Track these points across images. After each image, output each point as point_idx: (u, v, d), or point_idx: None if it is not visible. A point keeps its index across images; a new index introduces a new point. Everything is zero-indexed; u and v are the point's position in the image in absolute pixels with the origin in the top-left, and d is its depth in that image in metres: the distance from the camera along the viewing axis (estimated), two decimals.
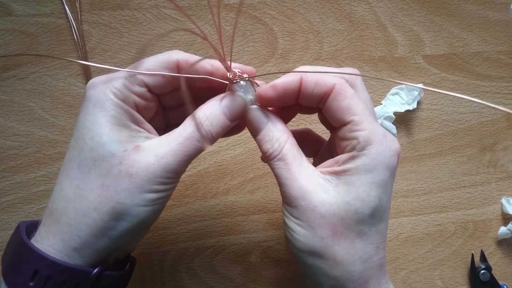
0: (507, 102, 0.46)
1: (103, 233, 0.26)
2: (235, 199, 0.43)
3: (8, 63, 0.40)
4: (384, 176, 0.27)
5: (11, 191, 0.40)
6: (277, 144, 0.28)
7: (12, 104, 0.40)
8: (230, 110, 0.28)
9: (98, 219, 0.25)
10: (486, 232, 0.45)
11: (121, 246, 0.27)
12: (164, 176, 0.26)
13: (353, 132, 0.27)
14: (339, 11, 0.44)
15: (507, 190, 0.46)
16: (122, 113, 0.27)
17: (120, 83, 0.27)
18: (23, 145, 0.41)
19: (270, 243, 0.43)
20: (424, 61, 0.45)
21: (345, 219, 0.26)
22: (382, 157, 0.26)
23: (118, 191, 0.25)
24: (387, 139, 0.27)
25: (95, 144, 0.26)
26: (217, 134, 0.28)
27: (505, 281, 0.45)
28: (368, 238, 0.27)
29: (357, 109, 0.27)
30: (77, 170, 0.26)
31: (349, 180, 0.27)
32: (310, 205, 0.26)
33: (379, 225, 0.27)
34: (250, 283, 0.42)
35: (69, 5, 0.41)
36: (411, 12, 0.45)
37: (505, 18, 0.46)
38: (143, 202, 0.26)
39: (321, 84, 0.28)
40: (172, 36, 0.42)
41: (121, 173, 0.25)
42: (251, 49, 0.43)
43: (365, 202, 0.26)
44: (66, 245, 0.26)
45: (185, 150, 0.26)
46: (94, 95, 0.26)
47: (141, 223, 0.26)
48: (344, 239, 0.26)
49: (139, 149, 0.26)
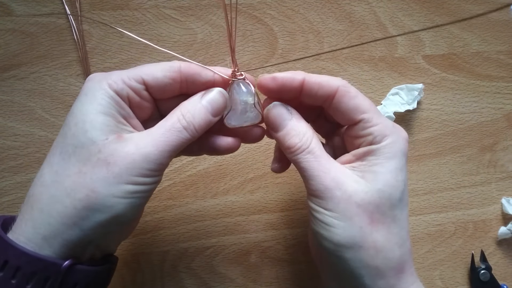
0: (507, 102, 0.46)
1: (74, 222, 0.25)
2: (235, 199, 0.43)
3: (8, 63, 0.40)
4: (402, 161, 0.28)
5: (11, 191, 0.40)
6: (305, 138, 0.29)
7: (12, 104, 0.40)
8: (211, 103, 0.28)
9: (70, 206, 0.24)
10: (486, 232, 0.45)
11: (95, 240, 0.26)
12: (144, 168, 0.25)
13: (367, 129, 0.28)
14: (339, 11, 0.44)
15: (507, 190, 0.46)
16: (112, 104, 0.27)
17: (118, 76, 0.27)
18: (23, 145, 0.41)
19: (270, 243, 0.43)
20: (424, 61, 0.45)
21: (380, 206, 0.27)
22: (398, 145, 0.28)
23: (94, 179, 0.25)
24: (396, 128, 0.29)
25: (77, 131, 0.25)
26: (199, 126, 0.28)
27: (505, 281, 0.45)
28: (401, 222, 0.28)
29: (364, 107, 0.28)
30: (59, 156, 0.26)
31: (374, 170, 0.28)
32: (345, 195, 0.27)
33: (405, 209, 0.29)
34: (250, 283, 0.42)
35: (69, 5, 0.41)
36: (411, 12, 0.45)
37: (505, 18, 0.46)
38: (120, 193, 0.25)
39: (325, 86, 0.29)
40: (172, 36, 0.42)
41: (99, 161, 0.25)
42: (251, 49, 0.43)
43: (395, 187, 0.27)
44: (36, 233, 0.25)
45: (167, 140, 0.26)
46: (90, 85, 0.27)
47: (116, 217, 0.25)
48: (382, 225, 0.27)
49: (121, 139, 0.26)
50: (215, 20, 0.43)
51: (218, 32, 0.43)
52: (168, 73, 0.28)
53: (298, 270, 0.43)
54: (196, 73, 0.29)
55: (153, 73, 0.28)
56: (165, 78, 0.28)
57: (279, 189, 0.43)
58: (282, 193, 0.43)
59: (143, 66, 0.29)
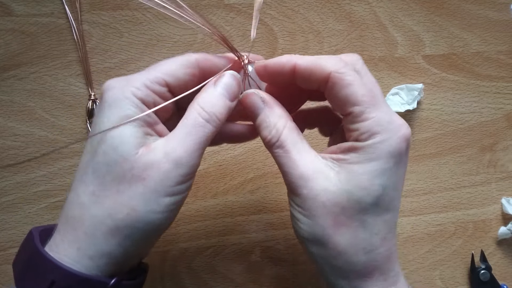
0: (507, 102, 0.46)
1: (118, 243, 0.25)
2: (235, 199, 0.43)
3: (8, 63, 0.40)
4: (387, 164, 0.25)
5: (11, 191, 0.40)
6: (275, 131, 0.27)
7: (12, 104, 0.40)
8: (226, 88, 0.27)
9: (113, 227, 0.25)
10: (486, 232, 0.45)
11: (138, 254, 0.27)
12: (178, 174, 0.25)
13: (354, 123, 0.26)
14: (339, 11, 0.44)
15: (507, 190, 0.46)
16: (137, 112, 0.25)
17: (140, 81, 0.26)
18: (23, 145, 0.41)
19: (270, 243, 0.43)
20: (424, 61, 0.45)
21: (346, 209, 0.25)
22: (386, 145, 0.25)
23: (132, 197, 0.24)
24: (392, 125, 0.26)
25: (107, 148, 0.25)
26: (221, 114, 0.27)
27: (505, 281, 0.45)
28: (372, 228, 0.26)
29: (356, 99, 0.25)
30: (92, 175, 0.25)
31: (351, 169, 0.26)
32: (311, 193, 0.26)
33: (384, 215, 0.26)
34: (250, 283, 0.42)
35: (69, 5, 0.41)
36: (411, 12, 0.45)
37: (505, 18, 0.46)
38: (159, 208, 0.25)
39: (317, 72, 0.26)
40: (172, 36, 0.42)
41: (134, 178, 0.24)
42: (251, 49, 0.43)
43: (367, 191, 0.25)
44: (82, 254, 0.25)
45: (193, 138, 0.25)
46: (112, 95, 0.25)
47: (157, 230, 0.26)
48: (346, 228, 0.26)
49: (149, 150, 0.25)
50: (215, 20, 0.43)
51: None
52: (188, 70, 0.27)
53: (298, 270, 0.43)
54: (213, 64, 0.28)
55: (174, 73, 0.27)
56: (186, 75, 0.27)
57: (279, 189, 0.43)
58: (282, 193, 0.43)
59: (160, 65, 0.27)
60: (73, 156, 0.41)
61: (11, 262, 0.40)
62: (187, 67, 0.27)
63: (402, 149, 0.26)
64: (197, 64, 0.27)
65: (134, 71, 0.41)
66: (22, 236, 0.40)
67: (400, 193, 0.27)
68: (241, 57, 0.29)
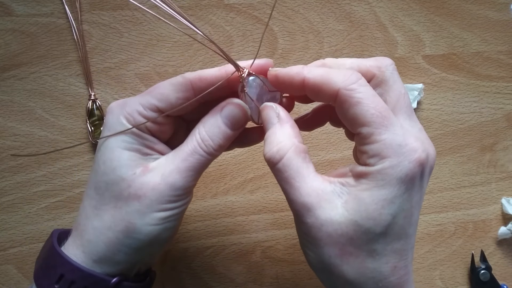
0: (507, 102, 0.46)
1: (118, 250, 0.27)
2: (235, 199, 0.43)
3: (8, 63, 0.40)
4: (398, 191, 0.24)
5: (11, 191, 0.40)
6: (276, 149, 0.26)
7: (12, 104, 0.40)
8: (230, 119, 0.28)
9: (113, 237, 0.27)
10: (486, 232, 0.45)
11: (140, 260, 0.29)
12: (172, 195, 0.27)
13: (363, 145, 0.24)
14: (339, 11, 0.44)
15: (507, 190, 0.46)
16: (134, 137, 0.27)
17: (133, 108, 0.27)
18: (23, 145, 0.41)
19: (270, 243, 0.43)
20: (424, 61, 0.45)
21: (354, 239, 0.24)
22: (397, 171, 0.23)
23: (129, 212, 0.27)
24: (404, 148, 0.24)
25: (107, 168, 0.27)
26: (219, 146, 0.28)
27: (505, 281, 0.45)
28: (382, 258, 0.25)
29: (364, 119, 0.24)
30: (94, 191, 0.28)
31: (359, 196, 0.24)
32: (316, 223, 0.25)
33: (395, 244, 0.25)
34: (250, 283, 0.42)
35: (69, 5, 0.41)
36: (411, 12, 0.45)
37: (505, 18, 0.46)
38: (153, 221, 0.27)
39: (326, 88, 0.25)
40: (171, 37, 0.42)
41: (130, 196, 0.27)
42: (251, 49, 0.43)
43: (376, 221, 0.24)
44: (87, 257, 0.27)
45: (189, 165, 0.27)
46: (110, 119, 0.28)
47: (154, 240, 0.27)
48: (354, 258, 0.25)
49: (147, 170, 0.27)
50: (215, 20, 0.43)
51: (218, 32, 0.43)
52: (181, 94, 0.27)
53: (298, 270, 0.43)
54: (209, 83, 0.27)
55: (166, 98, 0.27)
56: (179, 100, 0.27)
57: (279, 189, 0.43)
58: (282, 193, 0.43)
59: (155, 88, 0.28)
60: (73, 156, 0.41)
61: (11, 262, 0.41)
62: (180, 91, 0.27)
63: (415, 175, 0.24)
64: (191, 87, 0.27)
65: (134, 71, 0.42)
66: (23, 236, 0.41)
67: (415, 219, 0.26)
68: (241, 70, 0.28)
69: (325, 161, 0.44)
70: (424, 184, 0.25)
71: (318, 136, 0.44)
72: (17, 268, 0.40)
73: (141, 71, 0.42)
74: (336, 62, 0.27)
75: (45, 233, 0.40)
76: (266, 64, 0.29)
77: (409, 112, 0.26)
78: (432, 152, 0.26)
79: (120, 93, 0.41)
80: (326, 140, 0.44)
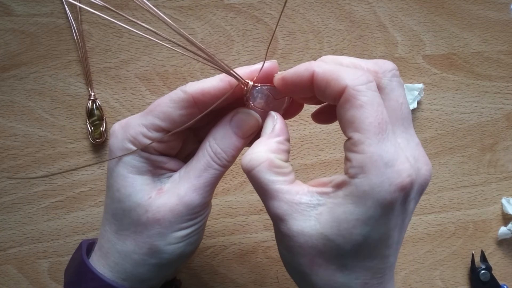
0: (507, 102, 0.46)
1: (146, 269, 0.28)
2: (235, 199, 0.43)
3: (8, 63, 0.40)
4: (373, 213, 0.22)
5: (11, 191, 0.40)
6: (249, 159, 0.25)
7: (12, 104, 0.40)
8: (241, 129, 0.27)
9: (139, 259, 0.27)
10: (486, 232, 0.45)
11: (168, 274, 0.30)
12: (190, 213, 0.27)
13: (349, 152, 0.23)
14: (339, 11, 0.44)
15: (507, 190, 0.46)
16: (142, 161, 0.27)
17: (136, 130, 0.26)
18: (23, 145, 0.40)
19: (270, 243, 0.43)
20: (424, 61, 0.45)
21: (323, 252, 0.24)
22: (376, 191, 0.22)
23: (150, 236, 0.27)
24: (390, 169, 0.22)
25: (121, 196, 0.27)
26: (232, 157, 0.27)
27: (505, 281, 0.45)
28: (352, 273, 0.24)
29: (360, 125, 0.22)
30: (112, 218, 0.28)
31: (333, 210, 0.23)
32: (288, 232, 0.24)
33: (367, 263, 0.24)
34: (251, 283, 0.42)
35: (69, 5, 0.41)
36: (411, 12, 0.45)
37: (506, 18, 0.46)
38: (175, 240, 0.27)
39: (333, 84, 0.23)
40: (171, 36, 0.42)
41: (149, 220, 0.27)
42: (251, 49, 0.43)
43: (346, 239, 0.23)
44: (115, 276, 0.28)
45: (205, 182, 0.27)
46: (115, 144, 0.27)
47: (179, 256, 0.28)
48: (323, 270, 0.24)
49: (162, 192, 0.27)
50: (215, 20, 0.42)
51: (218, 32, 0.43)
52: (184, 110, 0.26)
53: None
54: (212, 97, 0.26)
55: (169, 116, 0.26)
56: (182, 117, 0.26)
57: None
58: None
59: (156, 106, 0.26)
60: (73, 156, 0.41)
61: (11, 262, 0.41)
62: (183, 108, 0.26)
63: (395, 200, 0.22)
64: (194, 102, 0.26)
65: (134, 71, 0.42)
66: (22, 236, 0.41)
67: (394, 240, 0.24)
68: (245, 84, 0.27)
69: (325, 161, 0.44)
70: (409, 207, 0.24)
71: (318, 136, 0.44)
72: (17, 268, 0.40)
73: (141, 71, 0.42)
74: (333, 59, 0.25)
75: (45, 233, 0.40)
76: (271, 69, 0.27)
77: (406, 124, 0.25)
78: (424, 172, 0.24)
79: (120, 93, 0.41)
80: (326, 140, 0.44)
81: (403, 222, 0.24)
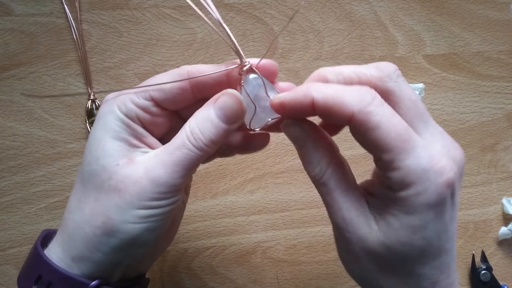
0: (508, 102, 0.46)
1: (96, 248, 0.25)
2: (235, 199, 0.43)
3: (7, 63, 0.40)
4: (428, 217, 0.23)
5: (10, 191, 0.40)
6: (319, 168, 0.25)
7: (11, 104, 0.40)
8: (224, 112, 0.25)
9: (90, 232, 0.25)
10: (486, 233, 0.45)
11: (121, 263, 0.27)
12: (155, 191, 0.24)
13: (384, 171, 0.23)
14: (340, 11, 0.44)
15: (508, 190, 0.46)
16: (123, 127, 0.26)
17: (126, 97, 0.26)
18: (22, 145, 0.40)
19: (270, 243, 0.43)
20: (424, 60, 0.45)
21: (389, 260, 0.24)
22: (424, 198, 0.22)
23: (108, 207, 0.25)
24: (429, 172, 0.22)
25: (91, 158, 0.26)
26: (210, 141, 0.25)
27: (505, 281, 0.45)
28: (420, 276, 0.24)
29: (384, 145, 0.22)
30: (80, 183, 0.27)
31: (388, 221, 0.24)
32: (354, 237, 0.24)
33: (434, 262, 0.24)
34: (250, 284, 0.42)
35: (69, 4, 0.41)
36: (412, 12, 0.45)
37: (506, 18, 0.46)
38: (133, 219, 0.25)
39: (338, 110, 0.22)
40: (171, 36, 0.42)
41: (110, 188, 0.25)
42: (251, 48, 0.43)
43: (409, 246, 0.23)
44: (66, 255, 0.26)
45: (176, 160, 0.25)
46: (102, 108, 0.27)
47: (134, 240, 0.25)
48: (392, 276, 0.25)
49: (131, 162, 0.25)
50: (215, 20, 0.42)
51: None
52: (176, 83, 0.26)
53: (298, 270, 0.43)
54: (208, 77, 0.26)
55: (160, 86, 0.26)
56: (173, 89, 0.26)
57: (279, 189, 0.43)
58: (282, 193, 0.43)
59: (152, 78, 0.27)
60: (72, 156, 0.41)
61: (10, 262, 0.40)
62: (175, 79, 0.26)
63: (445, 197, 0.23)
64: (188, 76, 0.26)
65: (134, 71, 0.42)
66: (22, 236, 0.41)
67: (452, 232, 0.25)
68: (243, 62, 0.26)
69: None
70: (456, 198, 0.24)
71: None
72: (17, 269, 0.40)
73: (141, 71, 0.42)
74: (334, 71, 0.25)
75: None
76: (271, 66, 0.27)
77: (425, 118, 0.25)
78: (459, 158, 0.24)
79: None
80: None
81: (455, 212, 0.25)
